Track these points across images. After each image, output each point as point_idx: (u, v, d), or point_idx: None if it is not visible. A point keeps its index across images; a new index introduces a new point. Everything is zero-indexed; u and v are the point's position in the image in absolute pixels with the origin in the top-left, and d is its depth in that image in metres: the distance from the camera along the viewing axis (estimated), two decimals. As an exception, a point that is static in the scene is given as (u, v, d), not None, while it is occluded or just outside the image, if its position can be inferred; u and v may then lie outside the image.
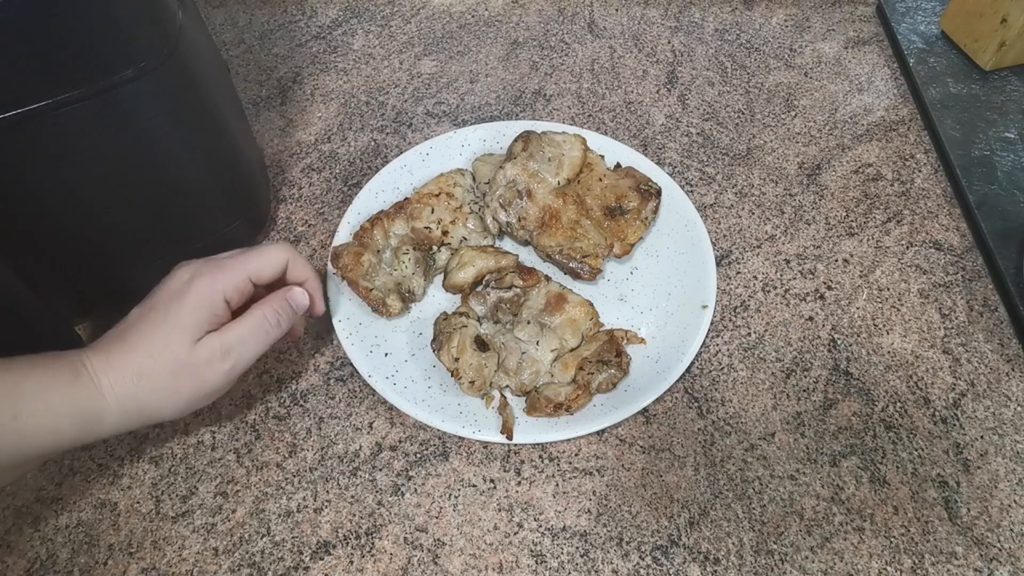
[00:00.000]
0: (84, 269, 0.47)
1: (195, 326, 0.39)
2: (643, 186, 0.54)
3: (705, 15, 0.74)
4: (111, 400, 0.37)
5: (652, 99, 0.66)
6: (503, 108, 0.65)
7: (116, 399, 0.37)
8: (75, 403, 0.36)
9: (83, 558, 0.41)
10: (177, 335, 0.38)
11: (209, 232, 0.50)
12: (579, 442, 0.46)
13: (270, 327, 0.42)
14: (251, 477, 0.44)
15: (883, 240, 0.55)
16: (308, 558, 0.41)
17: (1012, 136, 0.60)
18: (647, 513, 0.43)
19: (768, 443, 0.45)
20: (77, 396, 0.36)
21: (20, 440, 0.34)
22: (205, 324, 0.39)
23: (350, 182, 0.59)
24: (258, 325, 0.41)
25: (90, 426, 0.37)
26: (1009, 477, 0.44)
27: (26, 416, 0.34)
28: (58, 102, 0.36)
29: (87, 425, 0.36)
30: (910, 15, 0.70)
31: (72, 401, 0.36)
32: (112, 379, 0.37)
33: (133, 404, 0.37)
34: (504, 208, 0.52)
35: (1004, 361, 0.49)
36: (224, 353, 0.39)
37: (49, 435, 0.35)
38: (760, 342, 0.50)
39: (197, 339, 0.39)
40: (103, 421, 0.37)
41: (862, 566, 0.41)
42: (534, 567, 0.41)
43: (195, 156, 0.45)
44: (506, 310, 0.49)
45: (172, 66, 0.40)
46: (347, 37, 0.72)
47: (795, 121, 0.64)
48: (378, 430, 0.46)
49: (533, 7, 0.75)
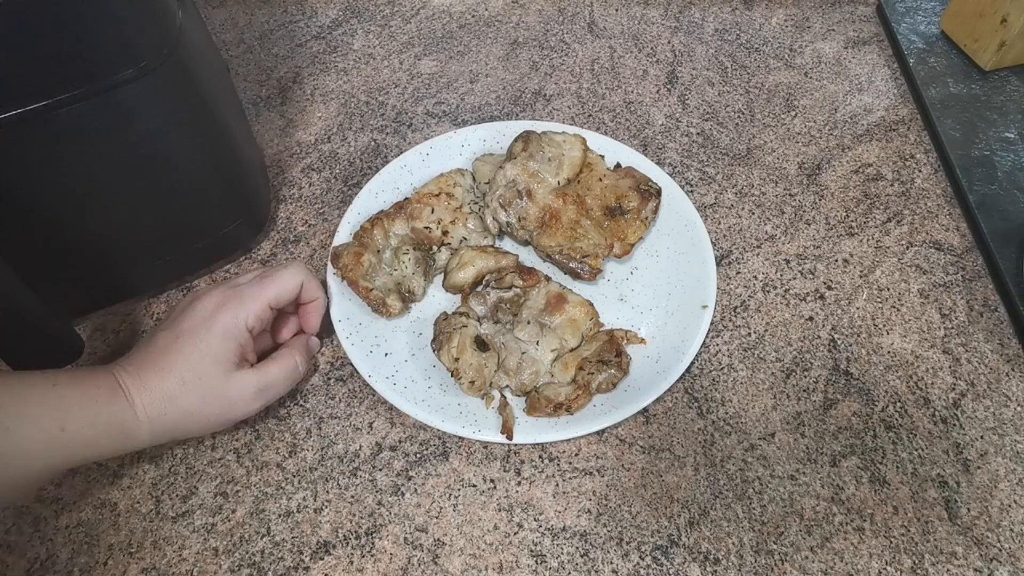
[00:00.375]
0: (84, 269, 0.47)
1: (225, 358, 0.41)
2: (643, 186, 0.54)
3: (705, 15, 0.74)
4: (143, 420, 0.39)
5: (652, 99, 0.66)
6: (503, 108, 0.65)
7: (148, 420, 0.39)
8: (113, 419, 0.38)
9: (83, 558, 0.41)
10: (209, 365, 0.40)
11: (209, 232, 0.50)
12: (579, 442, 0.46)
13: (298, 373, 0.45)
14: (251, 477, 0.44)
15: (883, 240, 0.55)
16: (308, 558, 0.41)
17: (1012, 136, 0.60)
18: (647, 513, 0.43)
19: (768, 443, 0.45)
20: (115, 413, 0.38)
21: (64, 451, 0.37)
22: (233, 355, 0.41)
23: (350, 182, 0.59)
24: (292, 368, 0.45)
25: (124, 441, 0.39)
26: (1009, 477, 0.44)
27: (72, 429, 0.37)
28: (58, 102, 0.36)
29: (122, 440, 0.39)
30: (910, 15, 0.70)
31: (111, 417, 0.38)
32: (145, 401, 0.39)
33: (162, 425, 0.40)
34: (504, 208, 0.52)
35: (1004, 361, 0.49)
36: (259, 392, 0.43)
37: (89, 447, 0.38)
38: (760, 342, 0.50)
39: (228, 370, 0.41)
40: (135, 437, 0.39)
41: (862, 566, 0.41)
42: (534, 567, 0.41)
43: (195, 156, 0.45)
44: (506, 310, 0.49)
45: (172, 66, 0.40)
46: (347, 37, 0.72)
47: (795, 121, 0.64)
48: (378, 430, 0.46)
49: (533, 7, 0.75)
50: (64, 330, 0.45)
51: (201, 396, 0.40)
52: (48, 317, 0.42)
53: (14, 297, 0.39)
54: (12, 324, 0.40)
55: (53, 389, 0.37)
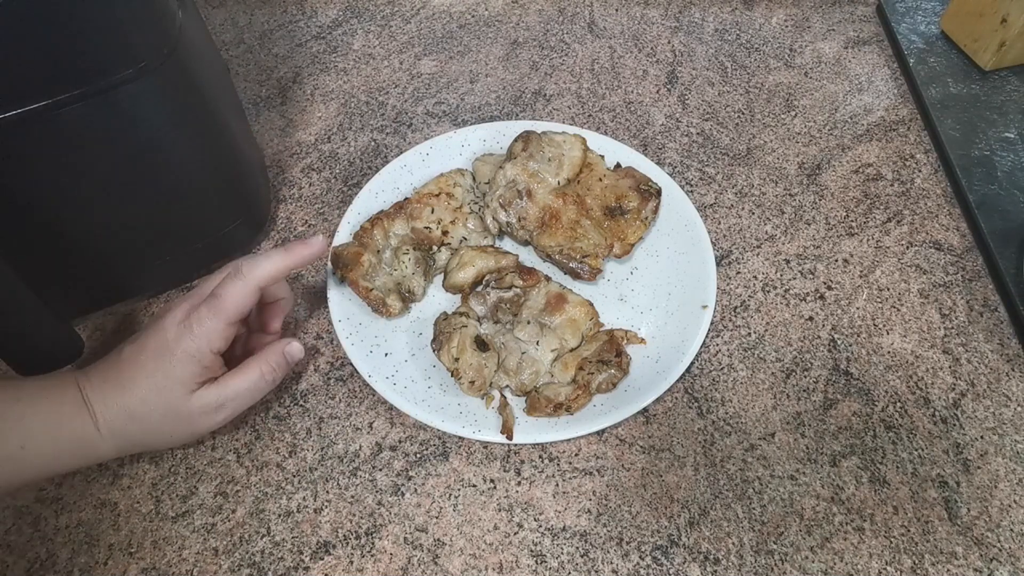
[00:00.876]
0: (84, 269, 0.47)
1: (188, 379, 0.40)
2: (643, 186, 0.54)
3: (705, 15, 0.74)
4: (106, 435, 0.39)
5: (652, 99, 0.66)
6: (503, 108, 0.65)
7: (111, 435, 0.39)
8: (75, 435, 0.38)
9: (83, 558, 0.41)
10: (169, 385, 0.39)
11: (209, 232, 0.50)
12: (579, 442, 0.46)
13: (265, 383, 0.43)
14: (251, 477, 0.44)
15: (883, 240, 0.55)
16: (308, 558, 0.41)
17: (1012, 136, 0.60)
18: (647, 513, 0.43)
19: (768, 443, 0.45)
20: (76, 429, 0.38)
21: (25, 468, 0.37)
22: (197, 377, 0.40)
23: (350, 182, 0.59)
24: (255, 380, 0.42)
25: (87, 453, 0.39)
26: (1009, 477, 0.44)
27: (32, 446, 0.37)
28: (58, 102, 0.36)
29: (84, 452, 0.39)
30: (910, 15, 0.70)
31: (73, 434, 0.38)
32: (107, 416, 0.39)
33: (126, 440, 0.40)
34: (504, 208, 0.52)
35: (1004, 361, 0.49)
36: (219, 406, 0.41)
37: (52, 461, 0.38)
38: (760, 342, 0.50)
39: (190, 390, 0.40)
40: (98, 451, 0.39)
41: (862, 566, 0.41)
42: (534, 567, 0.41)
43: (195, 156, 0.45)
44: (506, 310, 0.49)
45: (172, 66, 0.40)
46: (347, 37, 0.72)
47: (795, 121, 0.64)
48: (378, 430, 0.46)
49: (533, 7, 0.75)
50: (64, 330, 0.45)
51: (162, 415, 0.40)
52: (48, 317, 0.42)
53: (14, 297, 0.39)
54: (12, 324, 0.40)
55: (16, 406, 0.37)
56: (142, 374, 0.39)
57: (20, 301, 0.39)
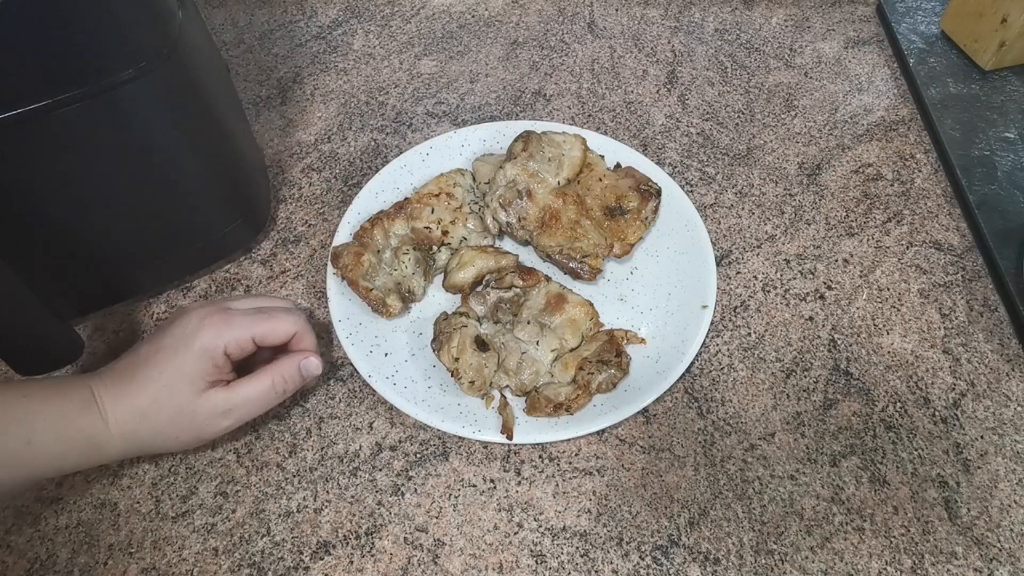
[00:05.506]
0: (84, 269, 0.47)
1: (199, 376, 0.40)
2: (643, 186, 0.54)
3: (705, 15, 0.74)
4: (115, 433, 0.39)
5: (652, 99, 0.66)
6: (503, 108, 0.65)
7: (120, 434, 0.39)
8: (83, 433, 0.38)
9: (83, 558, 0.41)
10: (181, 384, 0.39)
11: (209, 232, 0.50)
12: (579, 442, 0.46)
13: (275, 394, 0.42)
14: (251, 477, 0.44)
15: (883, 240, 0.55)
16: (308, 558, 0.41)
17: (1012, 136, 0.60)
18: (647, 513, 0.43)
19: (768, 443, 0.45)
20: (85, 427, 0.38)
21: (30, 464, 0.37)
22: (207, 375, 0.40)
23: (350, 182, 0.59)
24: (266, 390, 0.42)
25: (94, 453, 0.39)
26: (1009, 477, 0.44)
27: (39, 443, 0.36)
28: (58, 102, 0.36)
29: (92, 452, 0.39)
30: (910, 15, 0.70)
31: (80, 432, 0.38)
32: (117, 415, 0.39)
33: (135, 440, 0.40)
34: (504, 208, 0.52)
35: (1004, 361, 0.49)
36: (226, 412, 0.41)
37: (57, 460, 0.38)
38: (760, 342, 0.50)
39: (200, 389, 0.40)
40: (105, 451, 0.39)
41: (862, 566, 0.41)
42: (534, 567, 0.41)
43: (195, 156, 0.45)
44: (506, 310, 0.49)
45: (172, 66, 0.40)
46: (347, 37, 0.72)
47: (795, 121, 0.64)
48: (378, 430, 0.46)
49: (533, 7, 0.75)
50: (64, 330, 0.45)
51: (171, 415, 0.40)
52: (48, 317, 0.42)
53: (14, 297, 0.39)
54: (12, 324, 0.40)
55: (22, 401, 0.37)
56: (156, 370, 0.39)
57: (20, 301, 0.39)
